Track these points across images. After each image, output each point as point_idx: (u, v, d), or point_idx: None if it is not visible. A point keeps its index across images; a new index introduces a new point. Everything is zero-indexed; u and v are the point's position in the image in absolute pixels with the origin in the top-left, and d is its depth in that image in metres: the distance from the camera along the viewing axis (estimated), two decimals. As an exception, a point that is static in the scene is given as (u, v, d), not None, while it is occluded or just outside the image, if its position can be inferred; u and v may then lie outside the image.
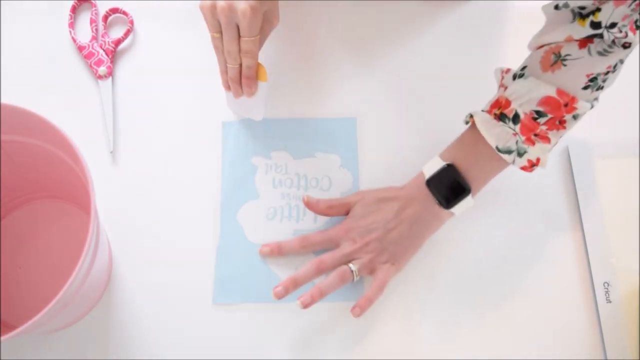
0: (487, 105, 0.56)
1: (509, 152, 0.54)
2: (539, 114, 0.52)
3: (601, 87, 0.52)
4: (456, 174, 0.56)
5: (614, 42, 0.49)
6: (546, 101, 0.51)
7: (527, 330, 0.58)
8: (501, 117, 0.53)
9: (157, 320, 0.58)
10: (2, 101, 0.49)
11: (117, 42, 0.68)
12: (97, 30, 0.68)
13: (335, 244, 0.58)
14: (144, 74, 0.68)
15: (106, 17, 0.69)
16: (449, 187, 0.56)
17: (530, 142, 0.53)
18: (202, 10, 0.53)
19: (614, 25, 0.47)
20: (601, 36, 0.48)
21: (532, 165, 0.54)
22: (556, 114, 0.52)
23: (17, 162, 0.57)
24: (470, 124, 0.57)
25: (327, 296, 0.55)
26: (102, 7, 0.69)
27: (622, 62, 0.51)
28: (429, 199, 0.57)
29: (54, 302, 0.43)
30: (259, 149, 0.64)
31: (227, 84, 0.59)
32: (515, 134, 0.53)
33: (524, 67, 0.54)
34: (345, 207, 0.60)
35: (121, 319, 0.58)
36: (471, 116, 0.56)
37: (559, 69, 0.51)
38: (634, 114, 0.66)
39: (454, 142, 0.58)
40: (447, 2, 0.71)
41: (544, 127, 0.52)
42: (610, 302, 0.58)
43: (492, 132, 0.54)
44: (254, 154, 0.64)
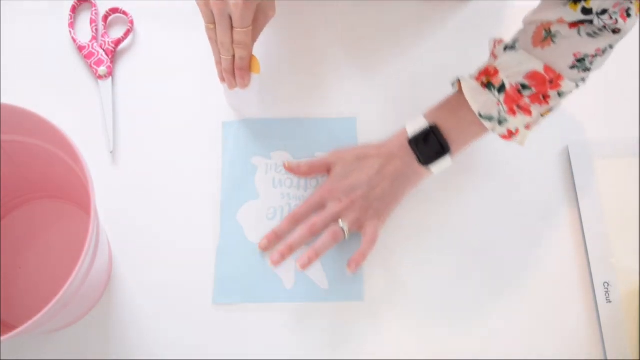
0: (476, 71, 0.57)
1: (490, 119, 0.56)
2: (524, 87, 0.54)
3: (588, 69, 0.53)
4: (438, 135, 0.58)
5: (604, 27, 0.50)
6: (533, 75, 0.53)
7: (527, 330, 0.58)
8: (487, 86, 0.55)
9: (157, 320, 0.58)
10: (2, 101, 0.49)
11: (117, 42, 0.68)
12: (97, 30, 0.69)
13: (321, 206, 0.60)
14: (144, 74, 0.68)
15: (106, 17, 0.69)
16: (430, 146, 0.58)
17: (512, 112, 0.55)
18: (197, 1, 0.53)
19: (605, 12, 0.49)
20: (591, 22, 0.50)
21: (510, 134, 0.56)
22: (541, 89, 0.53)
23: (17, 162, 0.57)
24: (457, 89, 0.59)
25: (321, 255, 0.57)
26: (102, 7, 0.69)
27: (611, 47, 0.52)
28: (409, 156, 0.59)
29: (54, 302, 0.43)
30: (259, 149, 0.64)
31: (222, 75, 0.59)
32: (498, 103, 0.55)
33: (515, 40, 0.55)
34: (325, 166, 0.62)
35: (121, 319, 0.58)
36: (459, 81, 0.58)
37: (548, 46, 0.52)
38: (634, 114, 0.66)
39: (439, 103, 0.60)
40: (447, 2, 0.71)
41: (527, 100, 0.54)
42: (610, 302, 0.58)
43: (477, 99, 0.56)
44: (254, 154, 0.64)
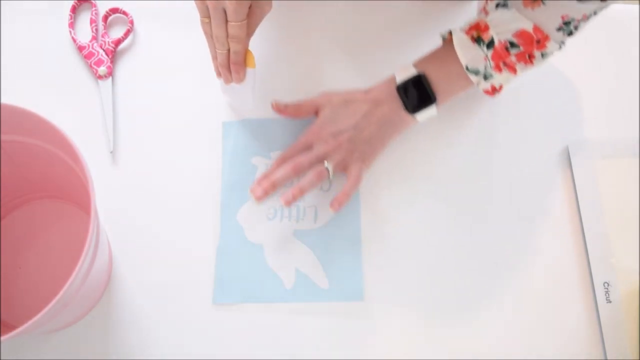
0: (466, 25, 0.58)
1: (477, 73, 0.58)
2: (512, 44, 0.56)
3: (572, 33, 0.55)
4: (426, 84, 0.59)
5: None
6: (521, 34, 0.55)
7: (527, 330, 0.58)
8: (477, 40, 0.57)
9: (157, 320, 0.58)
10: (2, 101, 0.49)
11: (117, 42, 0.68)
12: (97, 30, 0.69)
13: (308, 148, 0.61)
14: (144, 74, 0.68)
15: (106, 17, 0.69)
16: (417, 94, 0.60)
17: (498, 68, 0.57)
18: None
19: None
20: None
21: (494, 90, 0.59)
22: (527, 48, 0.56)
23: (17, 162, 0.57)
24: (447, 40, 0.60)
25: (306, 193, 0.58)
26: (102, 7, 0.69)
27: (595, 14, 0.54)
28: (396, 103, 0.60)
29: (54, 302, 0.43)
30: (259, 149, 0.64)
31: (218, 70, 0.60)
32: (485, 58, 0.57)
33: None
34: (313, 108, 0.62)
35: (121, 319, 0.58)
36: (450, 33, 0.59)
37: (538, 7, 0.54)
38: (634, 114, 0.66)
39: (429, 53, 0.61)
40: (446, 2, 0.71)
41: (513, 57, 0.56)
42: (610, 302, 0.58)
43: (466, 52, 0.58)
44: (254, 154, 0.64)
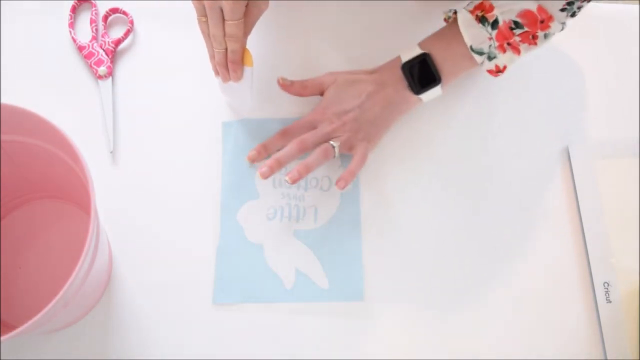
0: (471, 4, 0.58)
1: (481, 53, 0.58)
2: (517, 24, 0.56)
3: (574, 14, 0.56)
4: (430, 63, 0.60)
5: None
6: (525, 14, 0.56)
7: (526, 330, 0.58)
8: (481, 20, 0.57)
9: (157, 320, 0.58)
10: (2, 101, 0.49)
11: (117, 42, 0.68)
12: (97, 30, 0.68)
13: (313, 126, 0.61)
14: (144, 74, 0.68)
15: (106, 17, 0.69)
16: (422, 74, 0.60)
17: (502, 49, 0.58)
18: None
19: None
20: None
21: (497, 70, 0.59)
22: (531, 28, 0.56)
23: (17, 162, 0.57)
24: (452, 20, 0.60)
25: (312, 171, 0.58)
26: (102, 7, 0.69)
27: None
28: (401, 82, 0.61)
29: (54, 302, 0.43)
30: (259, 149, 0.64)
31: (215, 69, 0.60)
32: (490, 39, 0.57)
33: None
34: (318, 87, 0.63)
35: (121, 319, 0.58)
36: (455, 12, 0.59)
37: None
38: (634, 114, 0.66)
39: (434, 33, 0.62)
40: (445, 2, 0.70)
41: (517, 38, 0.57)
42: (610, 302, 0.58)
43: (470, 32, 0.58)
44: (254, 154, 0.64)
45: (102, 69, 0.66)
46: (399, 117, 0.63)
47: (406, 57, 0.61)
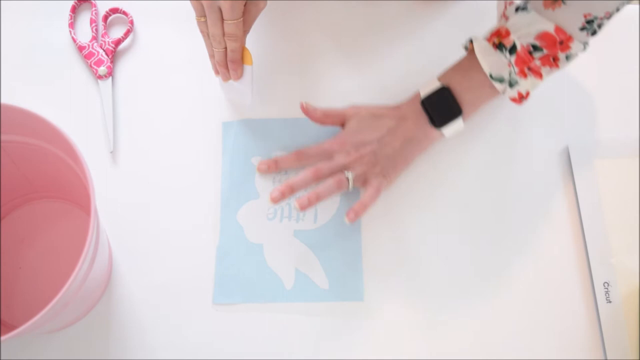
0: (488, 33, 0.57)
1: (501, 80, 0.57)
2: (535, 48, 0.54)
3: (595, 32, 0.54)
4: (450, 96, 0.59)
5: None
6: (543, 36, 0.54)
7: (526, 330, 0.58)
8: (499, 47, 0.56)
9: (157, 320, 0.58)
10: (2, 101, 0.49)
11: (117, 42, 0.68)
12: (97, 30, 0.69)
13: (329, 156, 0.60)
14: (144, 74, 0.68)
15: (106, 17, 0.69)
16: (442, 107, 0.59)
17: (522, 74, 0.56)
18: None
19: None
20: None
21: (521, 97, 0.57)
22: (551, 50, 0.54)
23: (17, 162, 0.57)
24: (469, 50, 0.59)
25: (322, 200, 0.57)
26: (102, 7, 0.69)
27: (618, 10, 0.52)
28: (422, 117, 0.60)
29: (54, 302, 0.43)
30: (259, 149, 0.64)
31: (215, 68, 0.60)
32: (509, 65, 0.56)
33: (527, 1, 0.55)
34: (340, 118, 0.62)
35: (121, 319, 0.58)
36: (471, 41, 0.58)
37: (559, 7, 0.52)
38: (634, 114, 0.66)
39: (452, 65, 0.61)
40: (446, 1, 0.71)
41: (538, 62, 0.55)
42: (610, 302, 0.58)
43: (488, 59, 0.56)
44: (254, 154, 0.64)
45: (102, 69, 0.66)
46: (419, 154, 0.61)
47: (425, 91, 0.60)
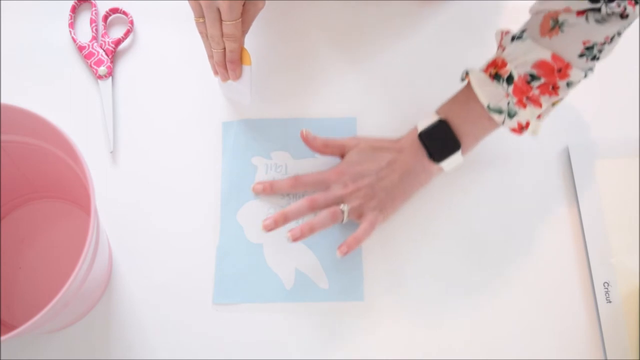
0: (484, 64, 0.56)
1: (500, 112, 0.55)
2: (533, 77, 0.53)
3: (597, 57, 0.52)
4: (447, 129, 0.58)
5: (612, 13, 0.49)
6: (541, 64, 0.52)
7: (526, 330, 0.58)
8: (496, 77, 0.54)
9: (157, 320, 0.58)
10: (2, 101, 0.49)
11: (117, 42, 0.68)
12: (97, 30, 0.69)
13: (326, 186, 0.59)
14: (144, 74, 0.68)
15: (106, 17, 0.69)
16: (440, 141, 0.58)
17: (521, 104, 0.54)
18: None
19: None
20: (599, 10, 0.49)
21: (521, 128, 0.55)
22: (549, 78, 0.52)
23: (17, 162, 0.57)
24: (466, 82, 0.58)
25: (315, 232, 0.56)
26: (102, 7, 0.69)
27: (619, 34, 0.51)
28: (420, 151, 0.59)
29: (54, 302, 0.43)
30: (259, 149, 0.64)
31: (214, 69, 0.60)
32: (507, 95, 0.54)
33: (523, 30, 0.54)
34: (340, 148, 0.61)
35: (121, 319, 0.58)
36: (467, 74, 0.57)
37: (556, 35, 0.51)
38: (634, 114, 0.66)
39: (450, 98, 0.60)
40: (446, 1, 0.71)
41: (536, 91, 0.53)
42: (610, 302, 0.58)
43: (485, 91, 0.55)
44: (254, 154, 0.64)
45: (102, 69, 0.66)
46: (417, 188, 0.60)
47: (422, 125, 0.59)
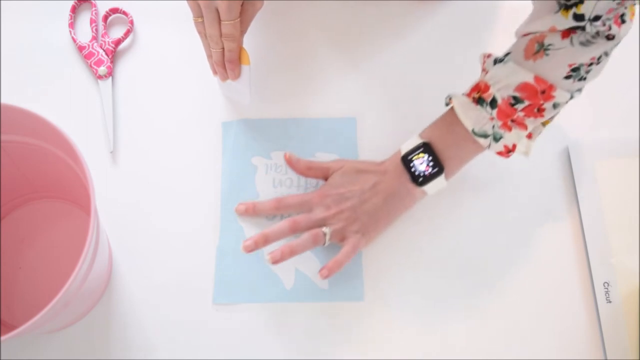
0: (468, 89, 0.56)
1: (485, 136, 0.54)
2: (517, 99, 0.52)
3: (584, 78, 0.51)
4: (431, 152, 0.57)
5: (597, 33, 0.48)
6: (523, 87, 0.52)
7: (527, 330, 0.58)
8: (479, 101, 0.54)
9: (157, 320, 0.58)
10: (2, 101, 0.49)
11: (117, 42, 0.68)
12: (97, 30, 0.69)
13: (309, 208, 0.59)
14: (144, 74, 0.68)
15: (106, 17, 0.69)
16: (423, 164, 0.57)
17: (506, 127, 0.53)
18: None
19: (597, 18, 0.47)
20: (583, 28, 0.48)
21: (508, 151, 0.55)
22: (533, 100, 0.52)
23: (17, 162, 0.57)
24: (450, 106, 0.57)
25: (296, 255, 0.56)
26: (102, 7, 0.69)
27: (607, 54, 0.51)
28: (403, 174, 0.58)
29: (54, 302, 0.43)
30: (259, 149, 0.64)
31: (213, 68, 0.60)
32: (492, 119, 0.54)
33: (507, 54, 0.54)
34: (324, 171, 0.61)
35: (121, 319, 0.58)
36: (450, 98, 0.57)
37: (540, 58, 0.51)
38: (634, 114, 0.66)
39: (433, 122, 0.59)
40: (448, 1, 0.71)
41: (521, 113, 0.52)
42: (610, 302, 0.58)
43: (469, 115, 0.55)
44: (254, 154, 0.64)
45: (102, 69, 0.66)
46: (401, 211, 0.60)
47: (406, 148, 0.58)
